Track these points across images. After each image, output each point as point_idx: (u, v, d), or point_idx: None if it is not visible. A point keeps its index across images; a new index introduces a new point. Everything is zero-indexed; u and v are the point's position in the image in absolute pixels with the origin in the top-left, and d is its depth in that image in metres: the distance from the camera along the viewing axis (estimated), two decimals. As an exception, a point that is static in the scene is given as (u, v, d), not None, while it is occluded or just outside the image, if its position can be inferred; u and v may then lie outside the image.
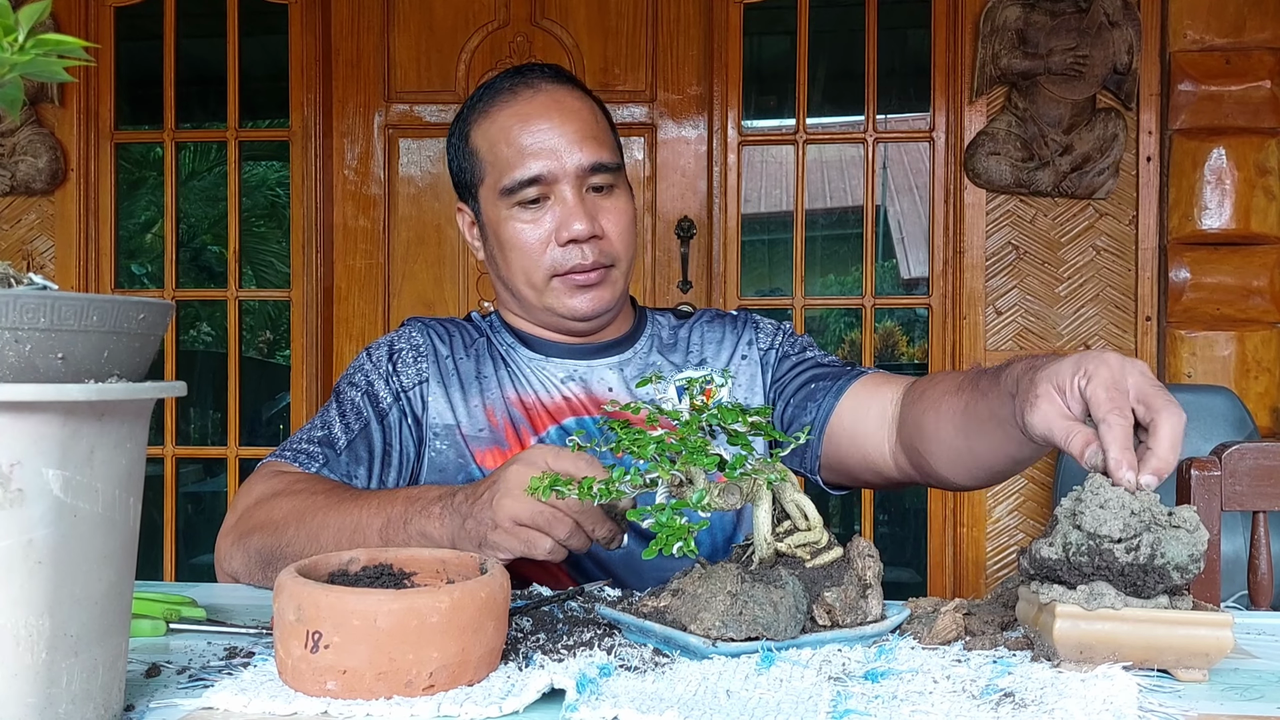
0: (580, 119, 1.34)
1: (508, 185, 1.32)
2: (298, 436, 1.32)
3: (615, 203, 1.35)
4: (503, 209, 1.34)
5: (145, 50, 3.31)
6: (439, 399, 1.36)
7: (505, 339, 1.42)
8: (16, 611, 0.60)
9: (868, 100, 3.13)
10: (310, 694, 0.75)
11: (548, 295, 1.35)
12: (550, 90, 1.35)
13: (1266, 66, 2.95)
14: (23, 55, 0.63)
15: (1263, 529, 1.47)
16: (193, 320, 4.90)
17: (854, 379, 1.33)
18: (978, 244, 3.05)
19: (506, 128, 1.33)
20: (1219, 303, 2.97)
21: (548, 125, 1.32)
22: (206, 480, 4.04)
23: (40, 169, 3.13)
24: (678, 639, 0.85)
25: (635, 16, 3.19)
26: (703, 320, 1.49)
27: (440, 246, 3.24)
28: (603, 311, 1.37)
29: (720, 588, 0.87)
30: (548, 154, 1.31)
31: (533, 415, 1.36)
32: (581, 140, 1.32)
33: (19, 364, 0.60)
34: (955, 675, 0.80)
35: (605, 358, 1.42)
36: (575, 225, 1.30)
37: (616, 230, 1.35)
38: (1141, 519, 0.82)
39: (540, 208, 1.32)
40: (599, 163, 1.33)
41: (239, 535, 1.20)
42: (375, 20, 3.23)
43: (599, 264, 1.33)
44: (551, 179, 1.31)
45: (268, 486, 1.22)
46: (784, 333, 1.47)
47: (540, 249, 1.33)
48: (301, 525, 1.12)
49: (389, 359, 1.38)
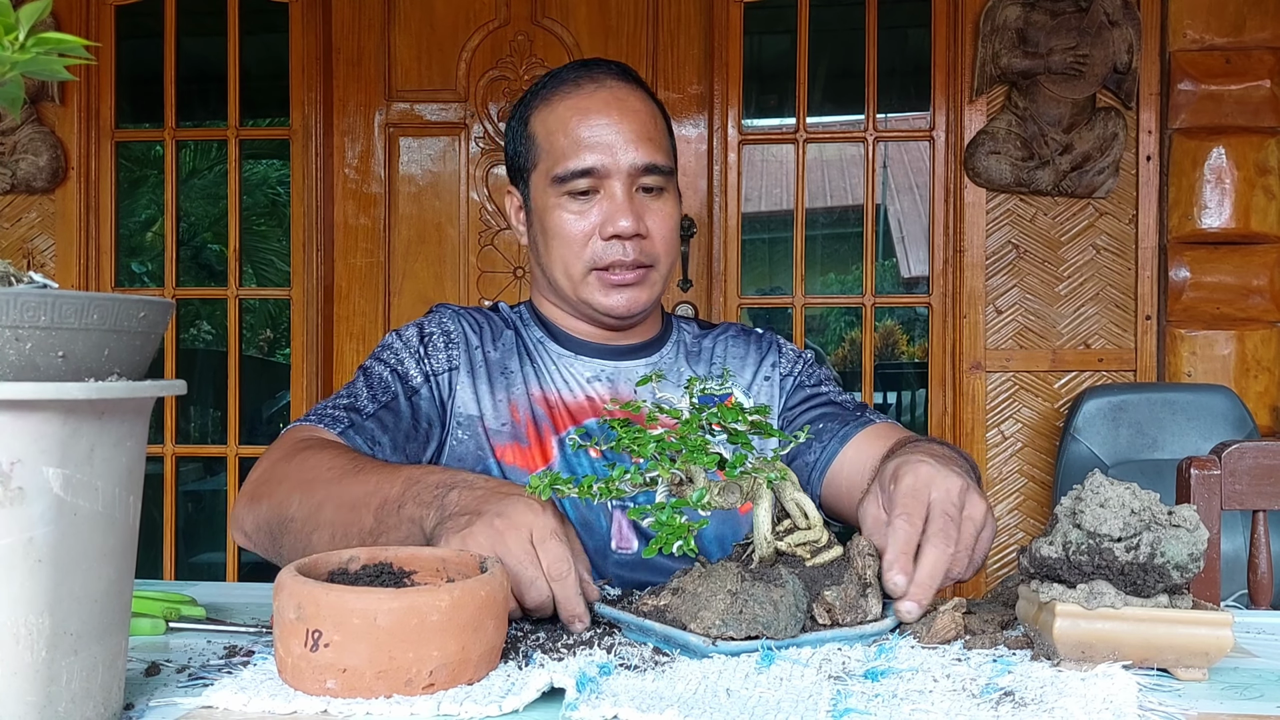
0: (639, 119, 1.35)
1: (560, 174, 1.33)
2: (323, 404, 1.31)
3: (663, 206, 1.36)
4: (552, 197, 1.35)
5: (146, 48, 3.31)
6: (466, 389, 1.36)
7: (535, 333, 1.42)
8: (16, 609, 0.60)
9: (868, 99, 3.13)
10: (310, 693, 0.75)
11: (584, 288, 1.35)
12: (614, 87, 1.36)
13: (1266, 66, 2.95)
14: (23, 54, 0.63)
15: (1262, 528, 1.47)
16: (193, 319, 4.90)
17: (861, 426, 1.34)
18: (978, 243, 3.05)
19: (565, 118, 1.34)
20: (1219, 302, 2.97)
21: (606, 121, 1.33)
22: (206, 479, 4.04)
23: (41, 167, 3.13)
24: (677, 638, 0.85)
25: (636, 15, 3.19)
26: (728, 334, 1.50)
27: (441, 245, 3.24)
28: (637, 312, 1.37)
29: (720, 586, 0.87)
30: (603, 148, 1.32)
31: (555, 414, 1.36)
32: (638, 140, 1.33)
33: (19, 362, 0.60)
34: (955, 674, 0.80)
35: (634, 359, 1.42)
36: (621, 221, 1.31)
37: (661, 233, 1.35)
38: (1141, 518, 0.82)
39: (589, 200, 1.33)
40: (652, 164, 1.33)
41: (251, 498, 1.19)
42: (376, 18, 3.23)
43: (639, 263, 1.34)
44: (604, 173, 1.32)
45: (286, 451, 1.21)
46: (804, 361, 1.48)
47: (583, 241, 1.34)
48: (307, 495, 1.11)
49: (420, 341, 1.38)
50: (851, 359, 4.56)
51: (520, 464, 1.33)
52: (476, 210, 3.23)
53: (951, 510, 0.95)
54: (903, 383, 4.36)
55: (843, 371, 4.69)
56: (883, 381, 4.13)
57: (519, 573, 0.91)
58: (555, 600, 0.92)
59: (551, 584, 0.91)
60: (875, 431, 1.33)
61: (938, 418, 3.10)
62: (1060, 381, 3.05)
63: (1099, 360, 3.04)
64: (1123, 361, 3.03)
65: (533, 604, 0.92)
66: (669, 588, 0.92)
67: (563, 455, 1.34)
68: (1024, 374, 3.06)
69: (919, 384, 3.78)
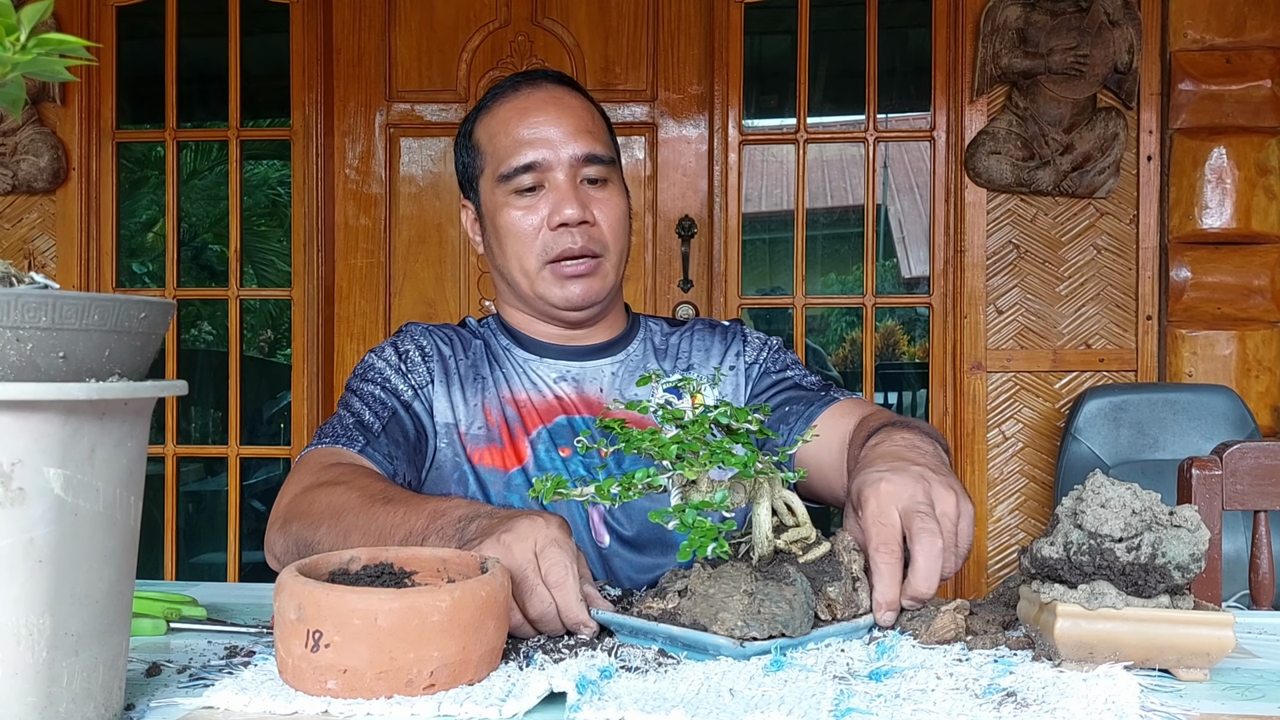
0: (576, 115, 1.40)
1: (505, 171, 1.38)
2: (329, 425, 1.32)
3: (608, 196, 1.41)
4: (500, 196, 1.39)
5: (147, 49, 3.31)
6: (442, 399, 1.39)
7: (502, 340, 1.46)
8: (17, 610, 0.60)
9: (868, 99, 3.13)
10: (311, 693, 0.75)
11: (539, 283, 1.39)
12: (550, 89, 1.42)
13: (1267, 66, 2.95)
14: (25, 54, 0.63)
15: (1264, 528, 1.47)
16: (194, 319, 4.90)
17: (825, 405, 1.35)
18: (978, 243, 3.05)
19: (506, 120, 1.40)
20: (1220, 302, 2.97)
21: (545, 118, 1.38)
22: (207, 479, 4.04)
23: (42, 168, 3.13)
24: (701, 641, 0.84)
25: (636, 16, 3.19)
26: (695, 329, 1.51)
27: (441, 246, 3.24)
28: (593, 301, 1.40)
29: (735, 587, 0.87)
30: (543, 143, 1.37)
31: (524, 414, 1.39)
32: (576, 133, 1.38)
33: (20, 363, 0.60)
34: (957, 674, 0.80)
35: (598, 359, 1.45)
36: (566, 210, 1.35)
37: (608, 221, 1.39)
38: (1143, 518, 0.82)
39: (535, 195, 1.38)
40: (592, 153, 1.38)
41: (283, 523, 1.20)
42: (376, 19, 3.23)
43: (588, 250, 1.37)
44: (546, 166, 1.37)
45: (314, 477, 1.21)
46: (769, 348, 1.49)
47: (533, 234, 1.38)
48: (335, 524, 1.12)
49: (399, 358, 1.40)
50: (852, 359, 4.56)
51: (497, 464, 1.35)
52: (477, 211, 3.23)
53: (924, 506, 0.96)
54: (903, 383, 4.36)
55: (843, 371, 4.69)
56: (884, 382, 4.13)
57: (521, 581, 0.91)
58: (558, 608, 0.91)
59: (551, 590, 0.91)
60: (840, 409, 1.34)
61: (938, 418, 3.10)
62: (1061, 382, 3.05)
63: (1100, 360, 3.04)
64: (1124, 362, 3.03)
65: (535, 613, 0.91)
66: (673, 589, 0.92)
67: (534, 455, 1.36)
68: (1025, 374, 3.06)
69: (920, 384, 3.78)
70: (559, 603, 0.91)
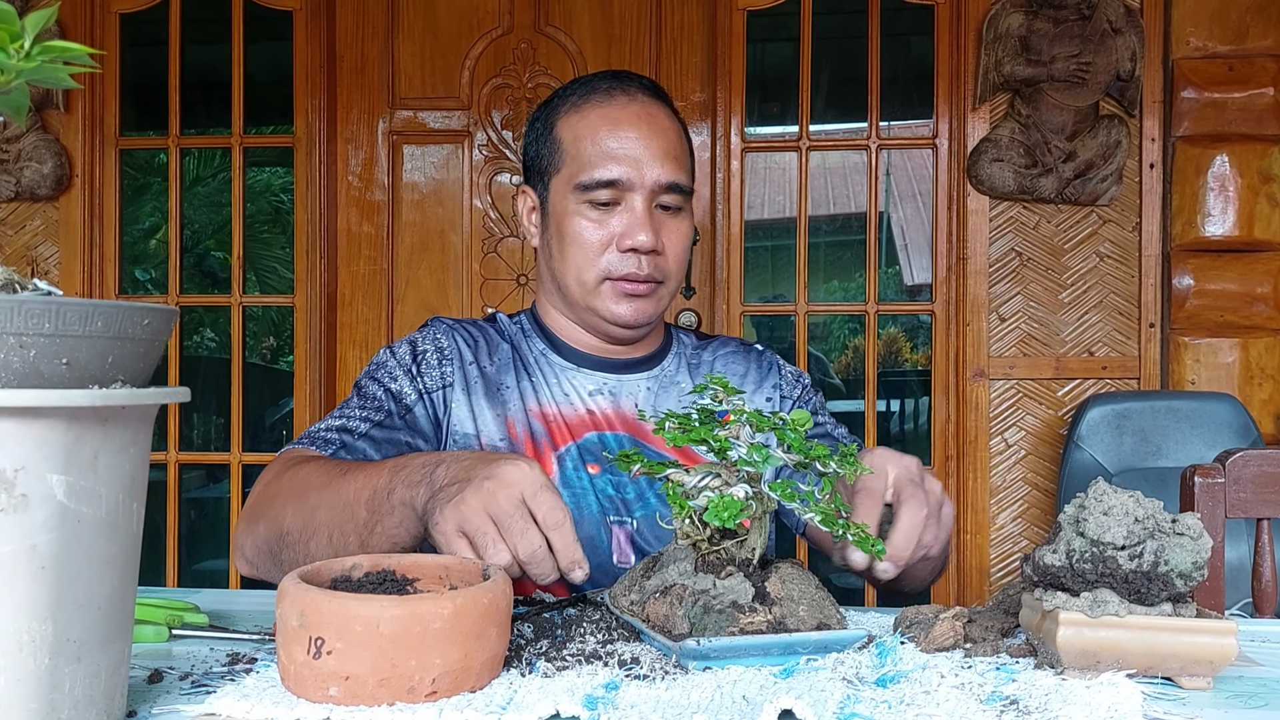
0: (667, 137, 1.36)
1: (584, 181, 1.33)
2: (316, 426, 1.32)
3: (679, 224, 1.37)
4: (572, 202, 1.35)
5: (150, 56, 3.32)
6: (461, 406, 1.35)
7: (536, 344, 1.42)
8: (19, 616, 0.60)
9: (871, 107, 3.13)
10: (313, 700, 0.75)
11: (594, 296, 1.36)
12: (645, 102, 1.37)
13: (1269, 73, 2.95)
14: (29, 62, 0.63)
15: (1267, 536, 1.47)
16: (196, 326, 4.91)
17: None
18: (981, 250, 3.05)
19: (595, 126, 1.35)
20: (1222, 309, 2.96)
21: (635, 135, 1.34)
22: (210, 486, 4.04)
23: (45, 175, 3.13)
24: (830, 641, 0.85)
25: (639, 23, 3.20)
26: (726, 350, 1.50)
27: (444, 252, 3.25)
28: (644, 323, 1.38)
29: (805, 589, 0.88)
30: (630, 162, 1.33)
31: (553, 429, 1.36)
32: (664, 157, 1.34)
33: (24, 369, 0.60)
34: (959, 682, 0.80)
35: (636, 373, 1.42)
36: (640, 235, 1.32)
37: (674, 250, 1.37)
38: (1145, 526, 0.81)
39: (609, 210, 1.34)
40: (675, 182, 1.35)
41: (249, 521, 1.20)
42: (379, 27, 3.24)
43: (652, 278, 1.34)
44: (627, 186, 1.33)
45: (277, 472, 1.21)
46: (804, 386, 1.50)
47: (599, 250, 1.34)
48: (299, 505, 1.12)
49: (413, 358, 1.37)
50: (855, 366, 4.56)
51: None
52: (480, 218, 3.23)
53: (915, 477, 1.01)
54: (906, 390, 4.36)
55: (846, 379, 4.69)
56: (886, 389, 4.14)
57: (509, 526, 0.92)
58: (554, 549, 0.93)
59: (548, 533, 0.92)
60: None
61: (941, 425, 3.10)
62: (1064, 389, 3.05)
63: (1102, 368, 3.04)
64: (1126, 369, 3.03)
65: (526, 554, 0.92)
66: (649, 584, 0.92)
67: (560, 471, 1.33)
68: (1027, 381, 3.06)
69: (922, 391, 3.78)
70: (557, 544, 0.92)
